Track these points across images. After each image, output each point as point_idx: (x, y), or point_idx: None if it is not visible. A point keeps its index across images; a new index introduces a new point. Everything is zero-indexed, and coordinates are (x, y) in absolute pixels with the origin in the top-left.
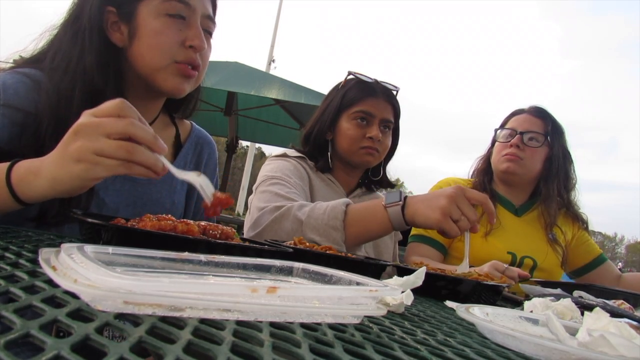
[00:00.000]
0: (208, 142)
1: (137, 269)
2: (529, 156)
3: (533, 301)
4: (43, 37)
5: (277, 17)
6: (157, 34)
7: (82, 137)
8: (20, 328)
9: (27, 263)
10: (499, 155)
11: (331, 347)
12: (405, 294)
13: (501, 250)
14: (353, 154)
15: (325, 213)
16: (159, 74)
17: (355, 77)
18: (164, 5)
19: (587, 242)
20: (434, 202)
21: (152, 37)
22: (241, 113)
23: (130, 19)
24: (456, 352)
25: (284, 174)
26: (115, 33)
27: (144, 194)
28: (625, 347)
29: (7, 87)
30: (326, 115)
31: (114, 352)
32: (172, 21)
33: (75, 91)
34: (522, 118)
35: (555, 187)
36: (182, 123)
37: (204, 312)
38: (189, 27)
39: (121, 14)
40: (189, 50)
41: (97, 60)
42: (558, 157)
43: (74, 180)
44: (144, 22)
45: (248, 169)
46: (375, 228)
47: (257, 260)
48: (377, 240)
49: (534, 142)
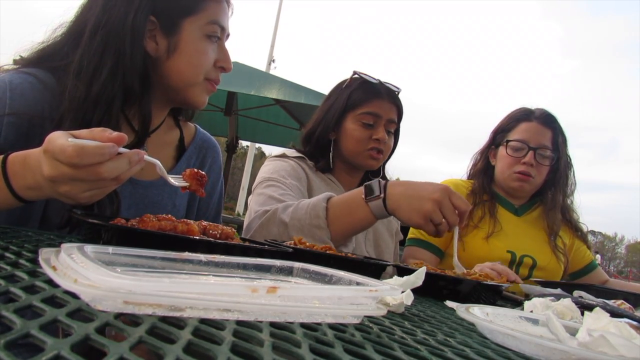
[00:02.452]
0: (212, 146)
1: (137, 269)
2: (538, 173)
3: (533, 301)
4: (46, 40)
5: (277, 17)
6: (200, 54)
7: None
8: (20, 328)
9: (27, 263)
10: (509, 170)
11: (331, 347)
12: (405, 294)
13: (501, 249)
14: (358, 156)
15: (307, 213)
16: (192, 89)
17: (360, 77)
18: (207, 27)
19: (581, 249)
20: (418, 203)
21: (195, 56)
22: (241, 113)
23: (172, 33)
24: (456, 352)
25: (280, 176)
26: (151, 42)
27: (145, 197)
28: (625, 347)
29: (14, 87)
30: (330, 115)
31: (114, 352)
32: (211, 43)
33: (116, 99)
34: (533, 129)
35: (560, 197)
36: (187, 126)
37: (204, 312)
38: (220, 49)
39: (163, 26)
40: (218, 70)
41: (139, 68)
42: (563, 167)
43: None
44: (188, 39)
45: (248, 169)
46: (358, 222)
47: (257, 260)
48: (378, 240)
49: (545, 159)
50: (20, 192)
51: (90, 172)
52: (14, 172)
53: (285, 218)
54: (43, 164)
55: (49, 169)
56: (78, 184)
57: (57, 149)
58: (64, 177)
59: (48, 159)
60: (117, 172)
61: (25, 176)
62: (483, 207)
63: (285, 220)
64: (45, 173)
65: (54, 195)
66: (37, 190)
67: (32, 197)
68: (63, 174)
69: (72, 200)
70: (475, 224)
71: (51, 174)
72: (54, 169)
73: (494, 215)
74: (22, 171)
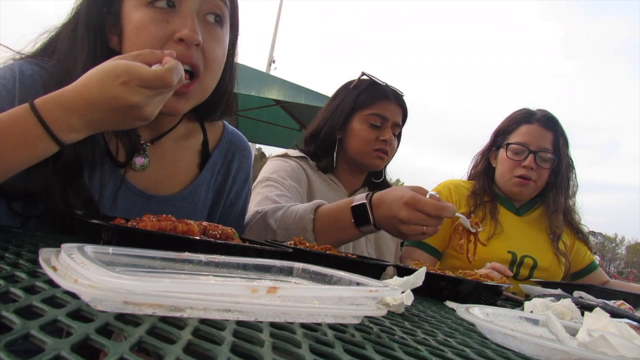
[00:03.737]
0: (241, 148)
1: (137, 269)
2: (539, 176)
3: (533, 301)
4: (40, 38)
5: (277, 18)
6: (138, 29)
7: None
8: (20, 328)
9: (27, 263)
10: (509, 174)
11: (331, 347)
12: (406, 294)
13: (502, 250)
14: (364, 156)
15: (294, 223)
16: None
17: (369, 78)
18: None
19: (582, 250)
20: (395, 225)
21: (133, 34)
22: (241, 114)
23: (118, 18)
24: (456, 352)
25: (280, 176)
26: (113, 37)
27: (157, 212)
28: (625, 347)
29: (24, 76)
30: (338, 114)
31: (114, 352)
32: (154, 12)
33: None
34: (534, 132)
35: (562, 200)
36: (213, 127)
37: (204, 312)
38: (179, 17)
39: (111, 13)
40: (179, 46)
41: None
42: (564, 169)
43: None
44: (127, 18)
45: None
46: (346, 238)
47: (257, 261)
48: (379, 242)
49: (545, 163)
50: (64, 136)
51: (164, 84)
52: (55, 119)
53: (273, 224)
54: (127, 94)
55: (139, 96)
56: (159, 99)
57: (150, 77)
58: (151, 97)
59: (133, 88)
60: (178, 77)
61: (70, 121)
62: (484, 208)
63: (273, 227)
64: (134, 101)
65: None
66: (86, 129)
67: (74, 140)
68: (151, 96)
69: (142, 119)
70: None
71: (141, 100)
72: (144, 95)
73: (495, 216)
74: (65, 116)
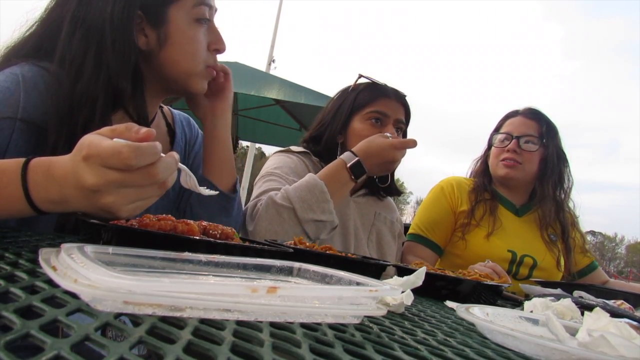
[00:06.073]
0: (187, 121)
1: (137, 269)
2: (527, 160)
3: (533, 301)
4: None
5: (277, 17)
6: (193, 41)
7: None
8: (20, 328)
9: (27, 263)
10: (496, 160)
11: (331, 347)
12: (405, 294)
13: (502, 248)
14: None
15: (310, 192)
16: (192, 78)
17: (366, 79)
18: (195, 10)
19: (582, 250)
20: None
21: (188, 44)
22: (241, 113)
23: (159, 24)
24: (456, 352)
25: (283, 172)
26: (142, 37)
27: None
28: (625, 347)
29: (27, 80)
30: (337, 118)
31: (114, 352)
32: (200, 27)
33: (99, 98)
34: (517, 121)
35: (550, 188)
36: (164, 109)
37: (204, 312)
38: (211, 31)
39: (149, 18)
40: (213, 54)
41: (127, 65)
42: (552, 158)
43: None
44: (177, 28)
45: (248, 169)
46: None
47: (257, 260)
48: (381, 242)
49: (530, 145)
50: (40, 205)
51: (144, 174)
52: (36, 183)
53: (286, 203)
54: (84, 172)
55: (94, 177)
56: (126, 191)
57: (107, 153)
58: (113, 184)
59: (91, 165)
60: (168, 172)
61: (49, 189)
62: (484, 205)
63: (289, 206)
64: (88, 182)
65: (88, 209)
66: (61, 204)
67: (52, 211)
68: (112, 181)
69: (112, 213)
70: (477, 223)
71: (97, 182)
72: (100, 177)
73: (494, 213)
74: (46, 183)
